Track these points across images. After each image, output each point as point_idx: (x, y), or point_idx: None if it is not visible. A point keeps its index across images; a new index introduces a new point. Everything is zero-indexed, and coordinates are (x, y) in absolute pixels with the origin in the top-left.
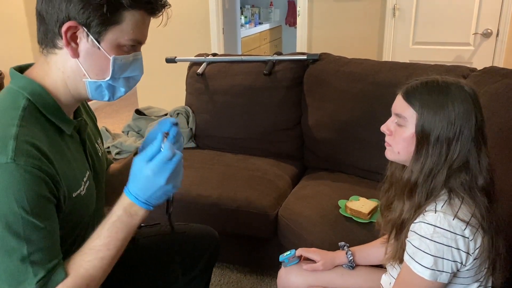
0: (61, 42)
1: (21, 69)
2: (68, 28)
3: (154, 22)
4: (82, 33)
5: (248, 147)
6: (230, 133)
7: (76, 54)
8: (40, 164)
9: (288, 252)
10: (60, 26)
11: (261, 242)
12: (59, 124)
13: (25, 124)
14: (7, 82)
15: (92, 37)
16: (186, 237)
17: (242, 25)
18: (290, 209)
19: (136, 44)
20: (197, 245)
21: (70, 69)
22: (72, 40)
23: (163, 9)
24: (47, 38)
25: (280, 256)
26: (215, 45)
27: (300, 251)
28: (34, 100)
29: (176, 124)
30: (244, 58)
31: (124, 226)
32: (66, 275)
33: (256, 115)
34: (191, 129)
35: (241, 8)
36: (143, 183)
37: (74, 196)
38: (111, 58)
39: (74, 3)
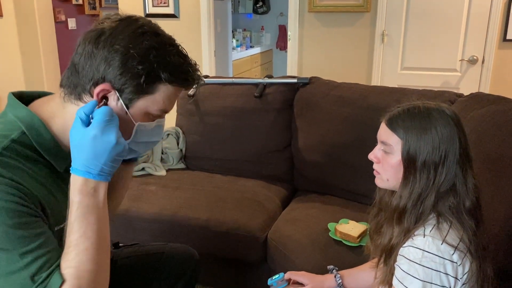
0: (88, 98)
1: (22, 95)
2: (101, 90)
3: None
4: (113, 96)
5: (238, 169)
6: (220, 155)
7: None
8: (16, 185)
9: (277, 276)
10: (94, 86)
11: (250, 266)
12: (51, 161)
13: (7, 154)
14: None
15: (122, 102)
16: (165, 257)
17: (233, 48)
18: (279, 232)
19: (162, 113)
20: (176, 265)
21: None
22: (101, 100)
23: (197, 83)
24: (75, 90)
25: (269, 279)
26: (207, 67)
27: (288, 275)
28: (30, 134)
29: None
30: (235, 80)
31: (90, 208)
32: (62, 280)
33: (246, 137)
34: (181, 150)
35: (232, 31)
36: (92, 149)
37: (56, 229)
38: (136, 124)
39: (113, 67)
